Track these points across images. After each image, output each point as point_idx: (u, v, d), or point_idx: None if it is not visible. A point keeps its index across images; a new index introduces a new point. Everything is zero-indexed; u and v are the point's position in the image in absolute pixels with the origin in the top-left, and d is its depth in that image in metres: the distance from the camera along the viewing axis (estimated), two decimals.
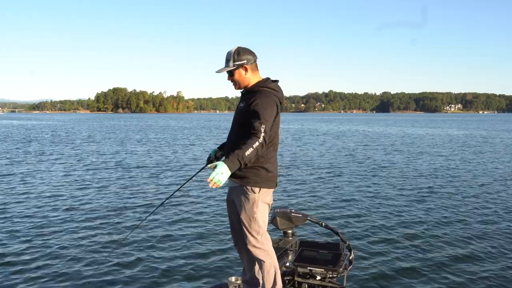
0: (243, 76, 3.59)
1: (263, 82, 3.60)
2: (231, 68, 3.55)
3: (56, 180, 14.16)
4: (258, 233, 3.55)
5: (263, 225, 3.59)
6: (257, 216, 3.54)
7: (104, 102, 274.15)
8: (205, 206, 10.52)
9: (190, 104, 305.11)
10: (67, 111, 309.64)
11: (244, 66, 3.56)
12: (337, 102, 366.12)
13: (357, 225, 8.82)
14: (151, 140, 34.74)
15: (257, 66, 3.66)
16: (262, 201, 3.57)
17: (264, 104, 3.41)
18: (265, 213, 3.61)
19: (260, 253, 3.56)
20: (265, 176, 3.54)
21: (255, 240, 3.55)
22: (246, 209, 3.55)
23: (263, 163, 3.53)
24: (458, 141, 34.41)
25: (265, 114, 3.36)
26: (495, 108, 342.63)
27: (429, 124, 77.45)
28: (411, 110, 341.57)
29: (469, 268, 6.62)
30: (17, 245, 7.47)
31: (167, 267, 6.56)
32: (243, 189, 3.56)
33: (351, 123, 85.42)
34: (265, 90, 3.53)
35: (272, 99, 3.49)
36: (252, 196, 3.54)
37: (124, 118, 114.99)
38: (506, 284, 6.06)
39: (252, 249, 3.56)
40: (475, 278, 6.27)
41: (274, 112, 3.45)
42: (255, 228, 3.54)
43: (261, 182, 3.54)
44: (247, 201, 3.55)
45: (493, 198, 11.69)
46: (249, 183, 3.52)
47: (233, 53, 3.55)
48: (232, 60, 3.54)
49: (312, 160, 20.48)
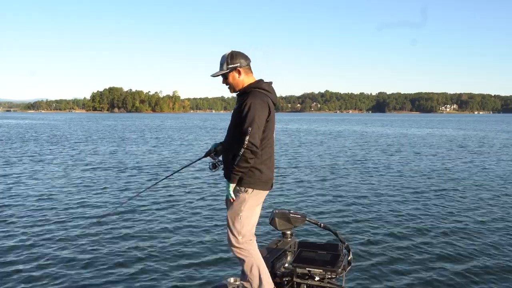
0: (236, 79, 3.66)
1: (255, 83, 3.67)
2: (225, 71, 3.63)
3: (50, 180, 14.12)
4: (239, 233, 3.59)
5: (247, 226, 3.61)
6: (242, 215, 3.59)
7: (100, 101, 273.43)
8: (204, 205, 10.54)
9: (186, 103, 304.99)
10: (62, 110, 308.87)
11: (238, 69, 3.63)
12: (333, 102, 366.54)
13: (355, 226, 8.83)
14: (147, 139, 34.70)
15: (250, 68, 3.72)
16: (251, 202, 3.62)
17: (253, 106, 3.46)
18: (252, 216, 3.64)
19: (239, 252, 3.62)
20: (258, 177, 3.60)
21: (235, 240, 3.60)
22: (233, 207, 3.62)
23: (256, 164, 3.58)
24: (456, 141, 34.56)
25: (253, 117, 3.42)
26: (490, 109, 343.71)
27: (428, 124, 77.64)
28: (407, 110, 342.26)
29: (468, 267, 6.64)
30: (9, 245, 7.44)
31: (166, 268, 6.55)
32: (236, 189, 3.62)
33: (348, 123, 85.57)
34: (257, 91, 3.59)
35: (263, 99, 3.54)
36: (243, 195, 3.60)
37: (120, 118, 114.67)
38: (506, 284, 6.07)
39: (232, 248, 3.65)
40: (474, 277, 6.29)
41: (264, 114, 3.51)
42: (237, 227, 3.59)
43: (254, 184, 3.59)
44: (237, 199, 3.61)
45: (492, 197, 11.74)
46: (243, 184, 3.58)
47: (227, 56, 3.64)
48: (226, 64, 3.63)
49: (310, 160, 20.52)
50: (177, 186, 13.22)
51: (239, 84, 3.67)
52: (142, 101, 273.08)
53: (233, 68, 3.61)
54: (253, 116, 3.41)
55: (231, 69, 3.61)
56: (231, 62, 3.61)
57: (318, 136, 41.89)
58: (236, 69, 3.62)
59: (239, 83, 3.66)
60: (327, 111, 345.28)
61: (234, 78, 3.65)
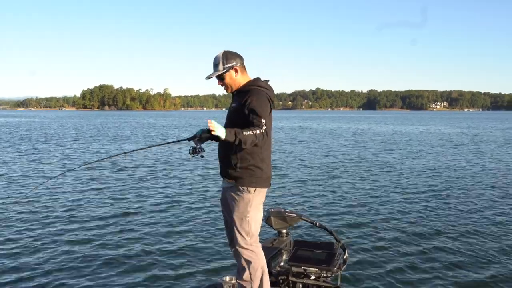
0: (234, 78, 3.66)
1: (254, 81, 3.67)
2: (221, 71, 3.61)
3: (39, 180, 14.02)
4: (247, 234, 3.58)
5: (254, 226, 3.62)
6: (249, 216, 3.58)
7: (90, 99, 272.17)
8: (199, 205, 10.48)
9: (177, 101, 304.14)
10: (52, 108, 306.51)
11: (235, 68, 3.63)
12: (324, 100, 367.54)
13: (351, 225, 8.79)
14: (140, 137, 34.58)
15: (245, 67, 3.72)
16: (256, 201, 3.61)
17: (259, 100, 3.48)
18: (257, 215, 3.65)
19: (248, 253, 3.59)
20: (260, 175, 3.59)
21: (244, 241, 3.58)
22: (239, 209, 3.59)
23: (257, 163, 3.58)
24: (451, 139, 34.58)
25: (262, 110, 3.43)
26: (480, 106, 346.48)
27: (421, 122, 77.76)
28: (398, 107, 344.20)
29: (465, 266, 6.61)
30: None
31: (160, 267, 6.52)
32: (238, 189, 3.60)
33: (341, 120, 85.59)
34: (257, 88, 3.59)
35: (265, 96, 3.56)
36: (247, 195, 3.58)
37: (111, 116, 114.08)
38: (506, 284, 6.05)
39: (240, 250, 3.60)
40: (472, 276, 6.27)
41: (268, 109, 3.53)
42: (245, 228, 3.58)
43: (256, 182, 3.58)
44: (242, 201, 3.59)
45: (491, 197, 11.69)
46: (244, 183, 3.57)
47: (221, 57, 3.61)
48: (222, 64, 3.60)
49: (306, 159, 20.46)
50: (173, 184, 13.20)
51: (236, 83, 3.67)
52: (132, 99, 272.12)
53: (230, 67, 3.61)
54: (261, 111, 3.41)
55: (228, 68, 3.60)
56: (227, 62, 3.59)
57: (312, 133, 41.89)
58: (233, 68, 3.62)
59: (236, 82, 3.66)
60: (318, 109, 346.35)
61: (231, 77, 3.64)
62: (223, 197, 3.82)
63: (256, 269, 3.57)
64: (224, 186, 3.77)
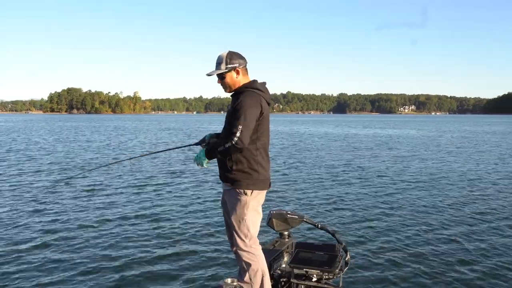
0: (234, 79, 3.67)
1: (249, 83, 3.68)
2: (223, 70, 3.63)
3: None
4: (246, 236, 3.58)
5: (253, 228, 3.62)
6: (247, 219, 3.58)
7: (58, 102, 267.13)
8: (200, 207, 10.41)
9: (147, 104, 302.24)
10: (19, 111, 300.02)
11: (236, 69, 3.65)
12: (295, 103, 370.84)
13: (353, 227, 8.74)
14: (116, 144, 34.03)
15: (247, 70, 3.74)
16: (253, 203, 3.62)
17: (245, 105, 3.48)
18: (255, 217, 3.66)
19: (247, 256, 3.60)
20: (256, 178, 3.60)
21: (243, 243, 3.58)
22: (236, 211, 3.60)
23: (253, 165, 3.60)
24: (439, 141, 34.68)
25: (244, 115, 3.43)
26: (446, 110, 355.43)
27: (397, 126, 78.06)
28: (367, 111, 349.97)
29: (465, 268, 6.63)
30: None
31: (161, 269, 6.45)
32: (235, 192, 3.61)
33: (323, 124, 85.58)
34: (250, 90, 3.60)
35: (256, 99, 3.56)
36: (244, 198, 3.58)
37: (80, 120, 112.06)
38: (506, 284, 6.10)
39: (240, 252, 3.61)
40: (472, 277, 6.29)
41: (256, 113, 3.52)
42: (243, 231, 3.58)
43: (253, 184, 3.60)
44: (238, 203, 3.59)
45: (490, 196, 11.83)
46: (241, 186, 3.58)
47: (225, 56, 3.63)
48: (225, 63, 3.62)
49: (307, 161, 20.40)
50: (175, 187, 13.12)
51: (235, 84, 3.68)
52: (102, 102, 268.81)
53: (232, 68, 3.62)
54: (244, 114, 3.41)
55: (230, 68, 3.61)
56: (230, 62, 3.61)
57: (306, 137, 41.81)
58: (235, 69, 3.63)
59: (236, 83, 3.67)
60: (289, 112, 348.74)
61: (232, 78, 3.65)
62: (222, 200, 3.84)
63: (256, 271, 3.58)
64: (223, 189, 3.79)
